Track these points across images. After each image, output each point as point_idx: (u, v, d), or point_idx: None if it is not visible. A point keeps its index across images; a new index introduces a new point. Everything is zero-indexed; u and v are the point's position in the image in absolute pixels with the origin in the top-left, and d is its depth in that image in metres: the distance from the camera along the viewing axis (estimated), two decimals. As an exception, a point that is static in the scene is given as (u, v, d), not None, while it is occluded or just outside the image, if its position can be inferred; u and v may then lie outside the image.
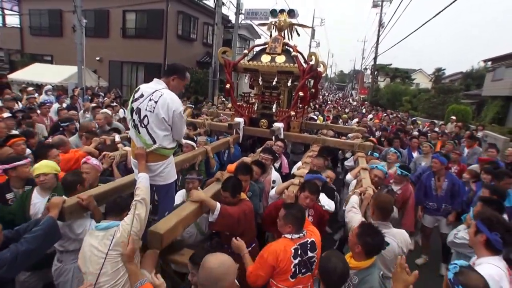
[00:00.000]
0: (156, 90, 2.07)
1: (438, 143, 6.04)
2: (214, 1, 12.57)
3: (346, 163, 4.42)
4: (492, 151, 4.83)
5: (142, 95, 2.08)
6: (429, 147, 4.99)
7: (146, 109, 2.05)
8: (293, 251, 1.90)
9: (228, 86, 4.95)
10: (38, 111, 5.68)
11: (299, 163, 3.75)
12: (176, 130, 2.16)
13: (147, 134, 2.08)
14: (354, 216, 2.38)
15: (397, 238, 2.21)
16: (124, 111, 6.78)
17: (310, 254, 1.98)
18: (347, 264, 1.68)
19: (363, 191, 2.73)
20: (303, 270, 1.95)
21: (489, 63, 18.64)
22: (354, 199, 2.62)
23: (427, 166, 4.46)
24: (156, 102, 2.03)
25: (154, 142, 2.08)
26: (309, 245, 1.98)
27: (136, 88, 2.17)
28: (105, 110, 5.82)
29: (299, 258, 1.91)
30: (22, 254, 1.52)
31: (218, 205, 2.20)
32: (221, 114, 6.33)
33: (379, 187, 3.08)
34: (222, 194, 2.38)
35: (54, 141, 3.33)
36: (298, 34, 5.14)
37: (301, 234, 1.97)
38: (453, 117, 11.65)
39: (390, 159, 4.33)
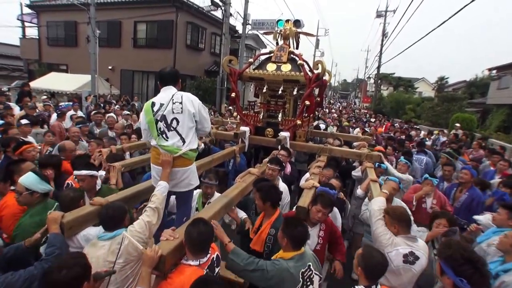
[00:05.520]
0: (173, 94, 2.16)
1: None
2: (222, 12, 13.01)
3: (353, 173, 4.28)
4: (504, 165, 4.71)
5: (161, 105, 2.13)
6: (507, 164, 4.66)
7: (173, 113, 2.11)
8: None
9: (233, 94, 4.91)
10: (54, 118, 6.01)
11: (307, 175, 3.66)
12: (202, 119, 2.24)
13: (177, 136, 2.12)
14: (382, 230, 2.22)
15: (425, 251, 2.17)
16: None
17: (216, 270, 1.79)
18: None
19: (391, 190, 2.56)
20: None
21: (494, 71, 18.70)
22: (380, 201, 2.44)
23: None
24: (181, 103, 2.13)
25: (184, 142, 2.13)
26: (215, 262, 1.78)
27: (149, 103, 2.17)
28: (111, 114, 6.14)
29: None
30: None
31: None
32: (229, 123, 6.30)
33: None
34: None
35: (59, 146, 3.36)
36: (297, 47, 5.03)
37: (209, 254, 1.72)
38: (457, 124, 11.76)
39: (401, 170, 4.12)
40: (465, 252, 1.57)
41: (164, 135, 2.13)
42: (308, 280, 1.85)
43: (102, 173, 2.69)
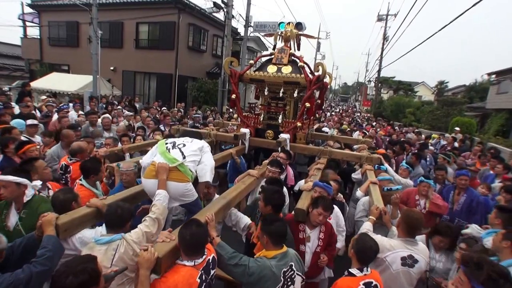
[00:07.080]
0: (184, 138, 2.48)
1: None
2: (224, 14, 13.08)
3: (353, 175, 4.30)
4: (499, 167, 4.78)
5: (172, 139, 2.45)
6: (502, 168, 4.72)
7: (182, 141, 2.37)
8: (198, 281, 1.60)
9: (233, 96, 4.90)
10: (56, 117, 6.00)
11: (302, 182, 3.63)
12: (205, 154, 2.41)
13: (179, 152, 2.24)
14: (376, 236, 2.24)
15: (425, 254, 2.18)
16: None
17: (212, 272, 1.76)
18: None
19: (377, 216, 2.59)
20: None
21: (494, 76, 18.77)
22: (367, 226, 2.47)
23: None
24: (190, 141, 2.43)
25: (184, 158, 2.21)
26: (211, 264, 1.75)
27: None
28: (107, 115, 6.07)
29: (204, 284, 1.64)
30: (37, 275, 1.52)
31: None
32: (230, 124, 6.31)
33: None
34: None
35: (73, 148, 3.33)
36: (299, 49, 5.05)
37: (204, 255, 1.70)
38: (457, 128, 11.81)
39: (402, 175, 4.16)
40: (496, 269, 1.46)
41: (168, 150, 2.28)
42: (289, 280, 1.85)
43: (37, 183, 2.40)
